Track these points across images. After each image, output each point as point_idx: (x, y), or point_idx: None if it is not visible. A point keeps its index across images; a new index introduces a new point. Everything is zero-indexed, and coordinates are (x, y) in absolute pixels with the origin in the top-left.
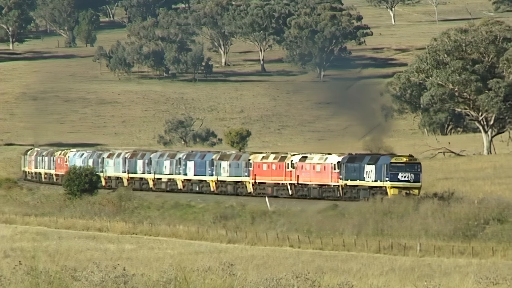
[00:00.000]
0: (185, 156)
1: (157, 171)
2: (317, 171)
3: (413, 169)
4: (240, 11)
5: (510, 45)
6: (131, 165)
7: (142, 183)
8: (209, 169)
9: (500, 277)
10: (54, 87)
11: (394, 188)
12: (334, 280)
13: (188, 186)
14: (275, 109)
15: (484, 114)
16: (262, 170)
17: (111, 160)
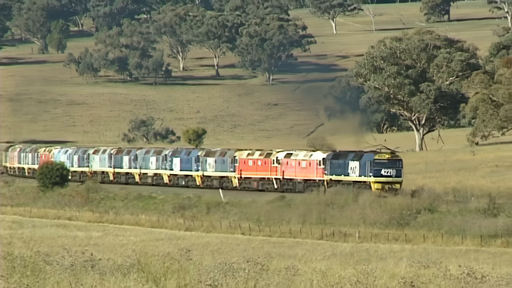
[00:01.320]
0: (171, 152)
1: (143, 166)
2: (302, 167)
3: (395, 165)
4: (197, 21)
5: (440, 52)
6: (117, 161)
7: (127, 177)
8: (195, 165)
9: (430, 261)
10: (28, 90)
11: (378, 183)
12: (281, 264)
13: (174, 181)
14: (228, 110)
15: (416, 114)
16: (248, 165)
17: (96, 156)
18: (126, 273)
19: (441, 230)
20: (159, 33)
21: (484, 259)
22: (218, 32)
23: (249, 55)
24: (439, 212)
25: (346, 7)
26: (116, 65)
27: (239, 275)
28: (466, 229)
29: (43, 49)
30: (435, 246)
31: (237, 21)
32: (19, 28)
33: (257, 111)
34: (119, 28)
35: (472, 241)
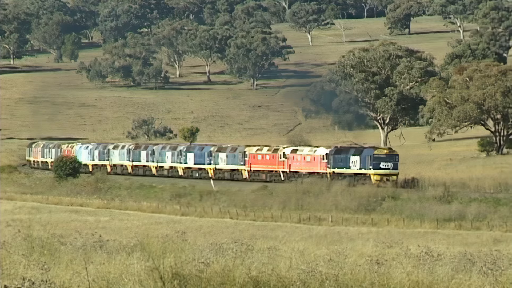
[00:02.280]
0: (186, 148)
1: (160, 160)
2: (307, 161)
3: (392, 159)
4: (191, 34)
5: (401, 61)
6: (135, 155)
7: (145, 170)
8: (208, 159)
9: (393, 242)
10: (45, 94)
11: (377, 175)
12: (264, 244)
13: (188, 173)
14: (218, 111)
15: (381, 115)
16: (257, 160)
17: (116, 151)
18: (130, 252)
19: (402, 215)
20: (158, 44)
21: (439, 240)
22: (209, 44)
23: (237, 63)
24: (401, 199)
25: (321, 22)
26: (121, 72)
27: (227, 254)
28: (424, 214)
29: (58, 59)
30: (397, 229)
31: (226, 34)
32: (37, 40)
33: (243, 112)
34: (124, 40)
35: (429, 224)
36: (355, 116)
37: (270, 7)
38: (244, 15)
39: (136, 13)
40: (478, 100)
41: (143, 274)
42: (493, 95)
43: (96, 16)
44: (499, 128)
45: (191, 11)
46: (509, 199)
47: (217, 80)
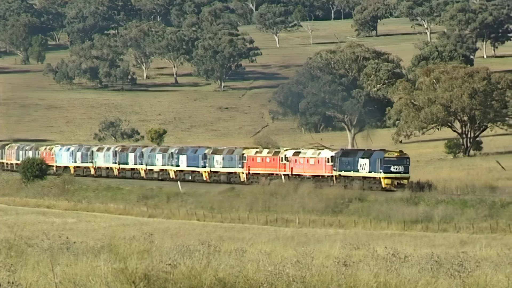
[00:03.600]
0: (177, 150)
1: (149, 163)
2: (311, 164)
3: (403, 162)
4: (158, 36)
5: (369, 63)
6: (122, 158)
7: (133, 172)
8: (202, 162)
9: (360, 244)
10: (13, 95)
11: (387, 179)
12: (232, 246)
13: (180, 176)
14: (185, 113)
15: (348, 117)
16: (256, 162)
17: (101, 153)
18: (97, 254)
19: (369, 217)
20: (125, 46)
21: (406, 241)
22: (177, 46)
23: (204, 65)
24: (368, 201)
25: (288, 23)
26: (88, 74)
27: (195, 256)
28: (391, 216)
29: (25, 60)
30: (364, 230)
31: (193, 36)
32: (4, 42)
33: (210, 114)
34: (91, 42)
35: (396, 226)
36: (322, 118)
37: (237, 9)
38: (211, 16)
39: (103, 14)
40: (445, 102)
41: (110, 276)
42: (460, 97)
43: (63, 17)
44: (466, 130)
45: (158, 13)
46: (476, 201)
47: (184, 82)
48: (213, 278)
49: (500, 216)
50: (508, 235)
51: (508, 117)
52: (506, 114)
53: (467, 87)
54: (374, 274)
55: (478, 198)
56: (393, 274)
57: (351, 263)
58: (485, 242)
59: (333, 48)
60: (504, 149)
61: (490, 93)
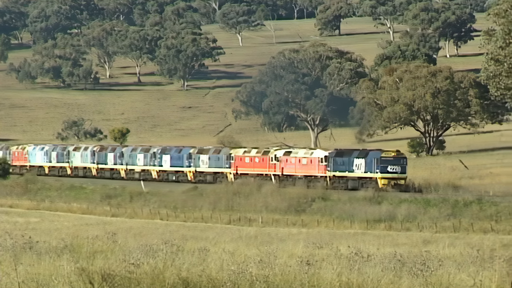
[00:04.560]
0: (160, 150)
1: (130, 162)
2: (303, 164)
3: (400, 162)
4: (121, 35)
5: (332, 62)
6: (101, 157)
7: (112, 173)
8: (187, 162)
9: (323, 243)
10: None
11: (384, 179)
12: (195, 245)
13: (163, 176)
14: (149, 112)
15: (311, 116)
16: (245, 162)
17: (77, 152)
18: (60, 254)
19: (332, 216)
20: (88, 45)
21: (369, 240)
22: (139, 45)
23: (167, 64)
24: (331, 200)
25: (251, 23)
26: (51, 73)
27: (158, 255)
28: (354, 215)
29: None
30: (327, 230)
31: (156, 35)
32: None
33: (173, 113)
34: (53, 41)
35: (360, 225)
36: (285, 117)
37: (200, 8)
38: (174, 16)
39: (66, 14)
40: (408, 101)
41: (73, 276)
42: (423, 96)
43: (26, 17)
44: (429, 129)
45: (121, 12)
46: (438, 200)
47: (148, 81)
48: (176, 277)
49: (463, 215)
50: (471, 234)
51: (471, 116)
52: (469, 113)
53: (430, 86)
54: (337, 273)
55: (441, 197)
56: (356, 273)
57: (314, 262)
58: (448, 241)
59: (296, 47)
60: (467, 148)
61: (453, 92)
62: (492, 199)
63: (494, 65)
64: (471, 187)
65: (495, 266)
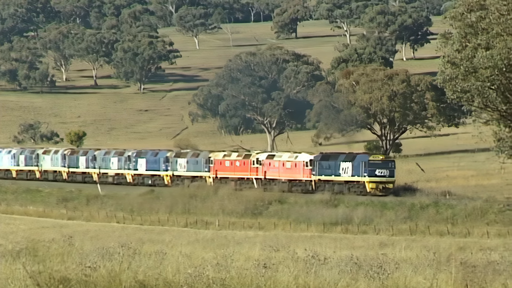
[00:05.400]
0: (135, 153)
1: (103, 166)
2: (287, 168)
3: (388, 165)
4: (78, 38)
5: (288, 65)
6: (72, 161)
7: (84, 176)
8: (164, 165)
9: (280, 246)
10: None
11: (372, 183)
12: (152, 248)
13: (138, 180)
14: (105, 115)
15: (268, 119)
16: (225, 166)
17: (47, 156)
18: (16, 257)
19: (289, 219)
20: (45, 48)
21: (326, 243)
22: (96, 48)
23: (123, 67)
24: (288, 203)
25: (207, 26)
26: (7, 76)
27: (114, 258)
28: (311, 218)
29: None
30: (284, 233)
31: (113, 38)
32: None
33: (130, 116)
34: (9, 44)
35: (316, 228)
36: (242, 120)
37: (157, 11)
38: (131, 19)
39: (22, 16)
40: (364, 104)
41: (29, 279)
42: (379, 99)
43: None
44: (386, 132)
45: (78, 15)
46: (395, 203)
47: (104, 84)
48: (132, 280)
49: (420, 218)
50: (428, 237)
51: (427, 119)
52: (425, 116)
53: (387, 90)
54: (294, 276)
55: (398, 200)
56: (312, 276)
57: (270, 265)
58: (404, 244)
59: (253, 50)
60: (424, 151)
61: (409, 96)
62: (448, 202)
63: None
64: (427, 190)
65: (451, 269)
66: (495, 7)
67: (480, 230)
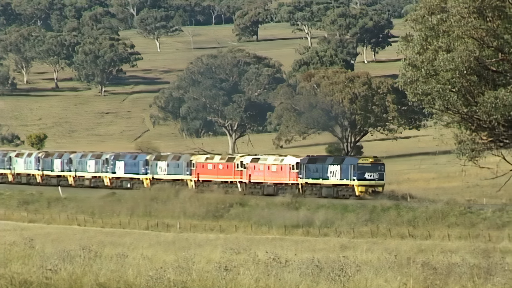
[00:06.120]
0: (113, 156)
1: (79, 169)
2: (272, 171)
3: (378, 169)
4: (39, 41)
5: (250, 68)
6: (47, 164)
7: (59, 180)
8: (143, 168)
9: (241, 248)
10: None
11: (361, 186)
12: (113, 251)
13: (116, 183)
14: (66, 117)
15: (229, 121)
16: (207, 169)
17: (20, 159)
18: None
19: (250, 221)
20: (5, 50)
21: (287, 246)
22: (57, 50)
23: (84, 70)
24: (249, 206)
25: (169, 28)
26: None
27: (76, 261)
28: (272, 220)
29: None
30: (245, 235)
31: (74, 40)
32: None
33: (91, 119)
34: None
35: (277, 230)
36: (203, 122)
37: (118, 14)
38: (92, 21)
39: None
40: (325, 107)
41: None
42: (340, 102)
43: None
44: (347, 135)
45: (39, 18)
46: (356, 205)
47: (65, 87)
48: (93, 283)
49: (381, 221)
50: (389, 240)
51: (388, 122)
52: (386, 118)
53: (348, 92)
54: (255, 278)
55: (359, 203)
56: (273, 278)
57: (232, 267)
58: (365, 246)
59: (214, 53)
60: (385, 153)
61: (370, 98)
62: (409, 205)
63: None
64: (389, 192)
65: (412, 271)
66: (456, 10)
67: (441, 233)
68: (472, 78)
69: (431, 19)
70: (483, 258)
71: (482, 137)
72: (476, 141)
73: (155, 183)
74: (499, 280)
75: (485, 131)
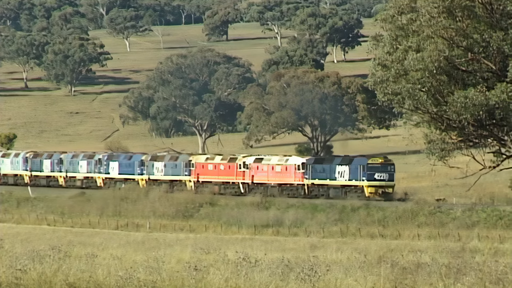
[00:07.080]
0: (107, 157)
1: (70, 169)
2: (277, 171)
3: (388, 169)
4: (8, 40)
5: (219, 67)
6: (35, 164)
7: (49, 180)
8: (139, 169)
9: (211, 248)
10: None
11: (371, 187)
12: (82, 251)
13: (110, 184)
14: (36, 117)
15: (199, 121)
16: (207, 170)
17: (7, 159)
18: None
19: (220, 221)
20: None
21: (257, 246)
22: (27, 50)
23: (54, 69)
24: (219, 205)
25: (138, 28)
26: None
27: (45, 261)
28: (242, 220)
29: None
30: (215, 235)
31: (44, 40)
32: None
33: (61, 119)
34: None
35: (247, 230)
36: (173, 122)
37: (88, 13)
38: (62, 21)
39: None
40: (295, 107)
41: None
42: (310, 101)
43: None
44: (317, 135)
45: (8, 17)
46: (326, 205)
47: (35, 87)
48: (63, 283)
49: (350, 221)
50: (358, 239)
51: (358, 121)
52: (356, 118)
53: (318, 92)
54: (225, 278)
55: (329, 203)
56: (243, 278)
57: (201, 267)
58: (335, 246)
59: (184, 52)
60: (355, 153)
61: (340, 98)
62: (379, 204)
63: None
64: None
65: (382, 271)
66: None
67: (410, 232)
68: (442, 78)
69: (400, 19)
70: (453, 258)
71: (452, 136)
72: (446, 141)
73: (151, 184)
74: (468, 279)
75: (455, 131)
